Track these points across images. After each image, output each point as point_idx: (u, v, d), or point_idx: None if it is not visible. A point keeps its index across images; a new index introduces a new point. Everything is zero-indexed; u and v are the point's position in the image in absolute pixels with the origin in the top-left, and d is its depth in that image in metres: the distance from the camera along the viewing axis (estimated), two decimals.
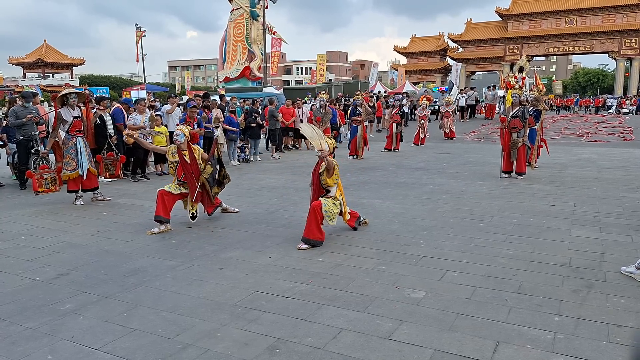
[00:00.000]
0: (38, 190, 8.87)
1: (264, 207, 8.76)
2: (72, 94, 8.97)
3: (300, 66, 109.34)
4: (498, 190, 9.89)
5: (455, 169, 12.87)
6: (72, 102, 8.89)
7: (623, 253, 5.85)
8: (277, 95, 23.96)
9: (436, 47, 71.13)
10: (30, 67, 63.50)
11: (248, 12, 33.80)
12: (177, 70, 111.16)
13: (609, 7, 59.29)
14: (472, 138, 21.52)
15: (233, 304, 4.61)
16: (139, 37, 40.60)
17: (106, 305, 4.63)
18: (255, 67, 34.29)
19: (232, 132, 14.37)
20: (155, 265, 5.75)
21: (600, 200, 8.79)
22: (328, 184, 6.58)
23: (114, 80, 72.30)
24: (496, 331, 3.97)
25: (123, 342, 3.91)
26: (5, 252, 6.33)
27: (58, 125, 8.96)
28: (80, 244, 6.64)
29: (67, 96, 8.90)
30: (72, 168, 8.90)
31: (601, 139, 20.16)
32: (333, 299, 4.68)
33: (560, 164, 13.23)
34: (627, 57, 60.49)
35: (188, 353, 3.72)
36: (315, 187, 6.70)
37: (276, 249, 6.30)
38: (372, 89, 38.70)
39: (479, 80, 65.24)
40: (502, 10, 65.18)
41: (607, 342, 3.77)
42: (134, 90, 42.75)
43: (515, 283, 4.99)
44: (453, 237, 6.64)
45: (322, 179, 6.56)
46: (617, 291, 4.74)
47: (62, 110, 8.86)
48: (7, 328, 4.18)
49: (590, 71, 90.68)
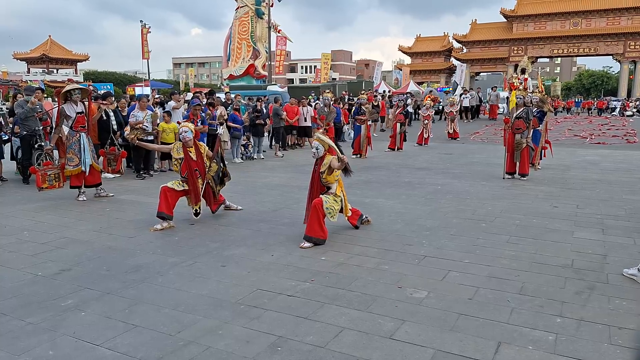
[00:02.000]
0: (41, 186, 8.88)
1: (267, 205, 8.77)
2: (76, 90, 8.98)
3: (305, 65, 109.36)
4: (501, 191, 9.88)
5: (459, 169, 12.86)
6: (76, 98, 8.90)
7: (625, 255, 5.84)
8: (281, 93, 23.98)
9: (441, 47, 71.15)
10: (35, 63, 63.70)
11: (253, 10, 33.87)
12: (181, 67, 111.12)
13: (614, 10, 59.24)
14: (476, 138, 21.50)
15: (235, 301, 4.61)
16: (145, 35, 40.58)
17: (108, 301, 4.63)
18: (259, 65, 34.34)
19: (236, 129, 14.37)
20: (158, 261, 5.76)
21: (603, 202, 8.78)
22: (329, 181, 6.58)
23: (118, 77, 72.26)
24: (498, 332, 3.96)
25: (124, 338, 3.91)
26: (8, 247, 6.34)
27: (61, 121, 8.97)
28: (82, 240, 6.65)
29: (70, 92, 8.91)
30: (75, 164, 8.91)
31: (605, 141, 20.13)
32: (335, 297, 4.68)
33: (564, 166, 13.21)
34: (632, 60, 60.44)
35: (189, 350, 3.72)
36: (316, 185, 6.67)
37: (279, 247, 6.30)
38: (377, 88, 38.65)
39: (484, 81, 65.07)
40: (507, 11, 65.15)
41: (609, 344, 3.77)
42: (138, 87, 42.78)
43: (517, 284, 4.98)
44: (456, 237, 6.63)
45: (322, 177, 6.55)
46: (619, 293, 4.73)
47: (66, 105, 8.87)
48: (9, 323, 4.19)
49: (595, 73, 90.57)
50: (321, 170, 6.53)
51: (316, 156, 6.58)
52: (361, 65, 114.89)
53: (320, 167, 6.55)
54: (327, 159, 6.50)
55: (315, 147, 6.55)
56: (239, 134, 14.61)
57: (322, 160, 6.54)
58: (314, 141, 6.62)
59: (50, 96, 30.22)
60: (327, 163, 6.47)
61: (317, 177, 6.63)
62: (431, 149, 17.69)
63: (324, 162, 6.50)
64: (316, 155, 6.57)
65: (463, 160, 14.71)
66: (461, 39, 68.34)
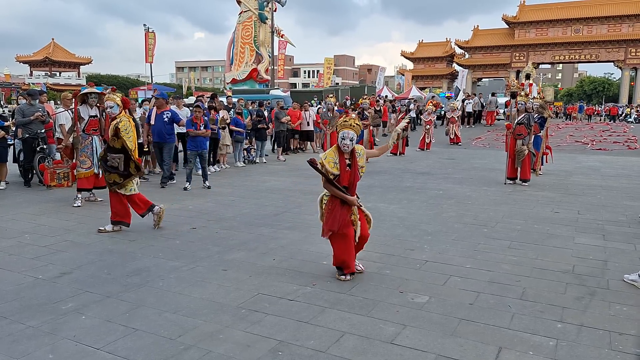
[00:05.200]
0: (49, 183, 8.88)
1: (269, 209, 8.77)
2: (93, 94, 9.02)
3: (308, 69, 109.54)
4: (502, 196, 9.87)
5: (460, 174, 12.86)
6: (92, 101, 8.94)
7: (626, 261, 5.84)
8: (284, 97, 24.04)
9: (443, 52, 71.24)
10: (38, 65, 63.80)
11: (257, 15, 33.96)
12: (184, 71, 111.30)
13: (615, 17, 59.31)
14: (478, 144, 21.50)
15: (236, 305, 4.61)
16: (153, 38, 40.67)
17: (108, 305, 4.63)
18: (262, 70, 34.43)
19: (238, 133, 14.39)
20: (159, 265, 5.76)
21: (604, 208, 8.77)
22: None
23: (121, 80, 72.30)
24: (499, 337, 3.96)
25: (125, 342, 3.91)
26: (9, 250, 6.34)
27: (78, 122, 8.98)
28: (83, 243, 6.65)
29: (87, 95, 8.96)
30: (88, 166, 8.94)
31: (606, 147, 20.13)
32: (336, 302, 4.68)
33: (565, 172, 13.20)
34: (633, 67, 60.43)
35: (190, 354, 3.72)
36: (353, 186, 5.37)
37: (280, 251, 6.29)
38: (379, 93, 38.70)
39: (485, 87, 65.27)
40: (509, 18, 65.25)
41: (609, 349, 3.76)
42: (141, 91, 42.81)
43: (518, 289, 4.98)
44: (457, 243, 6.63)
45: (362, 172, 5.40)
46: (620, 299, 4.72)
47: (81, 107, 8.93)
48: (9, 326, 4.19)
49: (596, 79, 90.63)
50: (360, 165, 5.32)
51: (349, 148, 5.21)
52: (364, 70, 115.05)
53: (359, 161, 5.30)
54: (361, 150, 5.34)
55: (350, 137, 5.18)
56: (242, 137, 14.63)
57: (354, 153, 5.26)
58: (345, 130, 5.21)
59: (53, 99, 30.28)
60: (363, 153, 5.35)
61: (356, 174, 5.33)
62: (433, 154, 17.70)
63: (358, 152, 5.30)
64: (349, 147, 5.21)
65: (465, 165, 14.71)
66: (463, 45, 68.40)
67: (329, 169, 5.19)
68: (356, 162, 5.26)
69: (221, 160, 14.18)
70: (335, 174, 5.20)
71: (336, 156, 5.25)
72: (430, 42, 74.25)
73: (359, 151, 5.30)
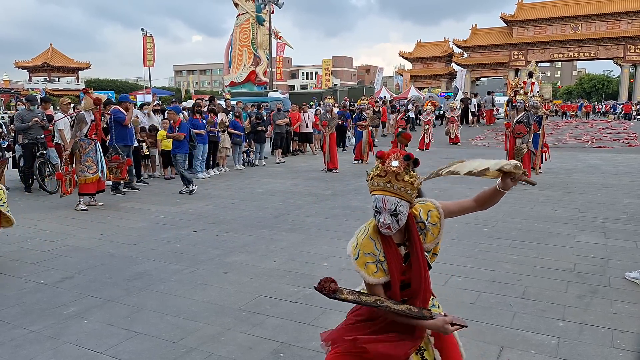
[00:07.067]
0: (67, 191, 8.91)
1: (269, 211, 8.77)
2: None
3: (306, 71, 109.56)
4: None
5: None
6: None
7: (627, 259, 5.83)
8: (282, 100, 24.06)
9: (441, 52, 71.21)
10: (36, 71, 63.77)
11: (254, 17, 34.00)
12: (182, 74, 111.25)
13: (614, 14, 59.27)
14: (477, 143, 21.50)
15: (237, 308, 4.61)
16: (151, 42, 40.72)
17: (110, 309, 4.64)
18: (260, 72, 34.46)
19: (237, 136, 14.41)
20: (160, 269, 5.76)
21: (604, 205, 8.77)
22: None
23: (119, 84, 72.25)
24: (500, 336, 3.96)
25: (127, 345, 3.91)
26: (10, 255, 6.35)
27: (81, 127, 9.00)
28: (84, 248, 6.66)
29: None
30: (94, 171, 8.98)
31: (606, 144, 20.13)
32: (337, 303, 4.66)
33: (565, 170, 13.20)
34: (632, 64, 60.39)
35: (192, 357, 3.72)
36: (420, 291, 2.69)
37: (281, 253, 6.29)
38: (378, 94, 38.71)
39: (484, 86, 65.22)
40: (507, 16, 65.26)
41: (611, 347, 3.76)
42: (139, 95, 42.80)
43: (519, 288, 4.98)
44: (458, 242, 6.63)
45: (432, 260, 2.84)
46: (622, 297, 4.72)
47: (86, 113, 8.97)
48: (11, 331, 4.20)
49: (595, 77, 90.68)
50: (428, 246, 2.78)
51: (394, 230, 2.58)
52: (362, 71, 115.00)
53: (425, 241, 2.76)
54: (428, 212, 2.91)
55: (394, 208, 2.57)
56: (240, 140, 14.65)
57: (411, 226, 2.68)
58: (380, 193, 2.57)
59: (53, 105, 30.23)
60: (438, 220, 2.90)
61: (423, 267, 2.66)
62: (433, 154, 17.68)
63: (424, 220, 2.82)
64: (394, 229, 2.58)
65: None
66: (461, 44, 68.41)
67: (366, 276, 2.68)
68: (419, 244, 2.67)
69: (221, 163, 14.21)
70: (379, 281, 2.66)
71: (377, 243, 2.64)
72: (429, 42, 74.22)
73: (424, 218, 2.80)
